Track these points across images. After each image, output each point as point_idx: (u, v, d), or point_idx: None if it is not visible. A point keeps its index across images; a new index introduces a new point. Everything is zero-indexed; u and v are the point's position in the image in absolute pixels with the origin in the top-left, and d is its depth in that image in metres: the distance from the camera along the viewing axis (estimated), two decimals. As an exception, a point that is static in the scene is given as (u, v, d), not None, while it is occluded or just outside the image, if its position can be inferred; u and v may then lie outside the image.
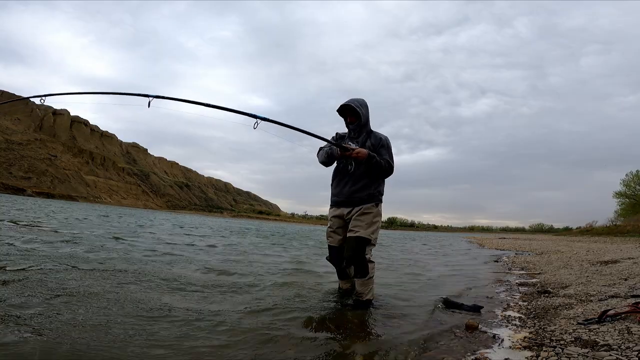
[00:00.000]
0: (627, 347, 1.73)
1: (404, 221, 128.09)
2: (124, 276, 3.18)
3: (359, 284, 2.81)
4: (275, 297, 2.98)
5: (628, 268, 4.82)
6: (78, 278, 2.92)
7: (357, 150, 2.71)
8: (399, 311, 2.82)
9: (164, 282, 3.15)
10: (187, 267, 4.14)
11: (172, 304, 2.46)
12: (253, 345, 1.90)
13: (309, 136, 2.74)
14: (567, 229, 61.83)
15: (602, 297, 3.04)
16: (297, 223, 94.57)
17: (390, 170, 2.86)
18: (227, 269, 4.22)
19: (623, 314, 2.23)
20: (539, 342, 1.98)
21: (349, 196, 2.88)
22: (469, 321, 2.48)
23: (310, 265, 5.26)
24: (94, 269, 3.34)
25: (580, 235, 31.45)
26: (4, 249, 4.02)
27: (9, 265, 3.16)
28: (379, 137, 2.90)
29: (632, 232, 25.19)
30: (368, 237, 2.77)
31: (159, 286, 2.98)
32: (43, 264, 3.31)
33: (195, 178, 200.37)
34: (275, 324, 2.27)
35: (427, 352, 1.96)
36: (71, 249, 4.57)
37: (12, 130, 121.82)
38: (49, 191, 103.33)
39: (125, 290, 2.71)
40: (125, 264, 3.82)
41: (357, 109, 2.82)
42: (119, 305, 2.31)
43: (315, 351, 1.90)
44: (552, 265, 6.36)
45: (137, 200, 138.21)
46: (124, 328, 1.94)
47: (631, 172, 35.33)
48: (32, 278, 2.74)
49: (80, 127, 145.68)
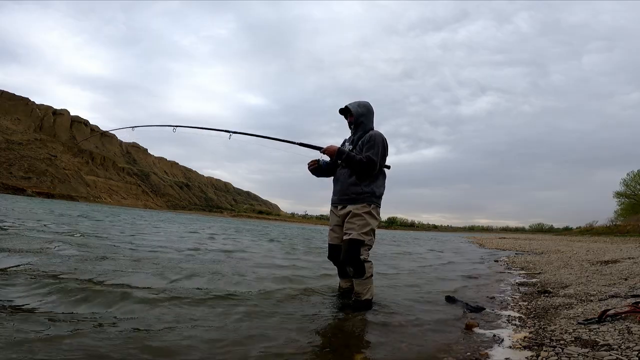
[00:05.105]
0: (627, 347, 1.73)
1: (404, 221, 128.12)
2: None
3: (357, 284, 2.82)
4: (276, 296, 2.99)
5: (628, 268, 4.82)
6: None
7: (326, 147, 2.87)
8: (399, 310, 2.82)
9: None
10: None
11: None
12: (251, 341, 1.91)
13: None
14: (567, 229, 61.93)
15: (602, 297, 3.04)
16: (297, 223, 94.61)
17: (367, 165, 2.76)
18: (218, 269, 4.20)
19: (623, 313, 2.23)
20: (539, 342, 1.98)
21: (340, 194, 2.94)
22: (469, 321, 2.48)
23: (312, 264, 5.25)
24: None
25: (580, 235, 31.48)
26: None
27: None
28: (369, 134, 2.90)
29: (632, 232, 25.22)
30: (361, 239, 2.77)
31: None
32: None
33: (195, 178, 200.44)
34: (274, 321, 2.27)
35: (427, 352, 1.95)
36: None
37: (12, 130, 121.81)
38: (49, 191, 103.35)
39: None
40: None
41: (352, 108, 2.94)
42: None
43: (313, 351, 1.89)
44: (552, 265, 6.36)
45: (137, 200, 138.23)
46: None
47: (632, 171, 35.37)
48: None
49: (80, 127, 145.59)
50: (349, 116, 3.00)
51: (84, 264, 3.60)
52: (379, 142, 2.83)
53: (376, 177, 2.89)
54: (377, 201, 2.88)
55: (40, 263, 3.41)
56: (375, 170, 2.83)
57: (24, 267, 3.20)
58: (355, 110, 2.93)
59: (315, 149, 2.96)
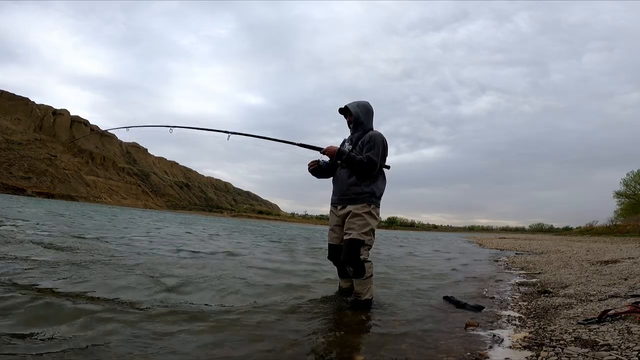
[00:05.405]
0: (627, 347, 1.73)
1: (404, 221, 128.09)
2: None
3: (357, 284, 2.82)
4: (276, 295, 2.98)
5: (628, 268, 4.82)
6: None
7: (326, 148, 2.89)
8: (399, 310, 2.82)
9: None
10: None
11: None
12: (251, 342, 1.91)
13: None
14: (567, 229, 61.89)
15: (602, 297, 3.04)
16: (297, 223, 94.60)
17: (367, 165, 2.77)
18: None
19: (623, 313, 2.23)
20: (539, 342, 1.98)
21: (340, 194, 2.95)
22: (469, 321, 2.48)
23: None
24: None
25: (580, 235, 31.48)
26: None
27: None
28: (369, 134, 2.91)
29: (632, 232, 25.21)
30: (362, 239, 2.78)
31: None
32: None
33: (195, 178, 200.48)
34: (275, 322, 2.27)
35: (427, 352, 1.95)
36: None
37: (12, 130, 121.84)
38: (49, 191, 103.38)
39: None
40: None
41: (351, 108, 2.96)
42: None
43: (313, 350, 1.89)
44: (552, 265, 6.36)
45: (137, 200, 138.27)
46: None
47: (632, 171, 35.35)
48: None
49: (80, 127, 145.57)
50: (348, 116, 3.02)
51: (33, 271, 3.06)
52: (379, 143, 2.84)
53: (376, 177, 2.89)
54: (377, 201, 2.89)
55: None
56: (376, 171, 2.84)
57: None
58: (355, 110, 2.95)
59: (315, 149, 2.97)
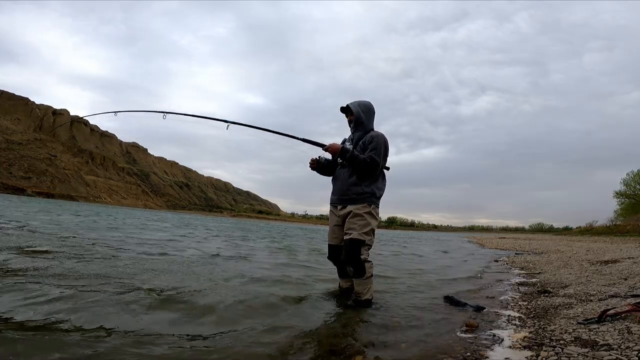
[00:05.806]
0: (627, 346, 1.73)
1: (404, 221, 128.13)
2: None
3: (357, 283, 2.83)
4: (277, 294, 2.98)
5: (628, 268, 4.82)
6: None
7: (330, 145, 2.86)
8: (399, 310, 2.82)
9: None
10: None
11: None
12: (250, 342, 1.91)
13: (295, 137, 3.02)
14: (567, 229, 61.94)
15: (602, 296, 3.04)
16: (297, 223, 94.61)
17: (370, 165, 2.78)
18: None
19: (623, 313, 2.23)
20: (538, 342, 1.98)
21: (340, 194, 2.94)
22: (469, 320, 2.48)
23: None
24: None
25: (580, 235, 31.48)
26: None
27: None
28: (371, 135, 2.91)
29: (632, 231, 25.21)
30: (362, 239, 2.78)
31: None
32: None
33: (195, 178, 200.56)
34: (274, 322, 2.27)
35: (427, 352, 1.95)
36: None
37: (12, 130, 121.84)
38: (49, 191, 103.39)
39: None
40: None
41: (352, 108, 2.95)
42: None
43: (314, 351, 1.89)
44: (552, 265, 6.37)
45: (137, 200, 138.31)
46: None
47: (632, 171, 35.37)
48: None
49: (80, 127, 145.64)
50: (349, 115, 3.01)
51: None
52: (381, 143, 2.85)
53: (376, 177, 2.90)
54: (377, 201, 2.90)
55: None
56: (378, 171, 2.85)
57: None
58: (356, 109, 2.95)
59: (318, 145, 2.93)
